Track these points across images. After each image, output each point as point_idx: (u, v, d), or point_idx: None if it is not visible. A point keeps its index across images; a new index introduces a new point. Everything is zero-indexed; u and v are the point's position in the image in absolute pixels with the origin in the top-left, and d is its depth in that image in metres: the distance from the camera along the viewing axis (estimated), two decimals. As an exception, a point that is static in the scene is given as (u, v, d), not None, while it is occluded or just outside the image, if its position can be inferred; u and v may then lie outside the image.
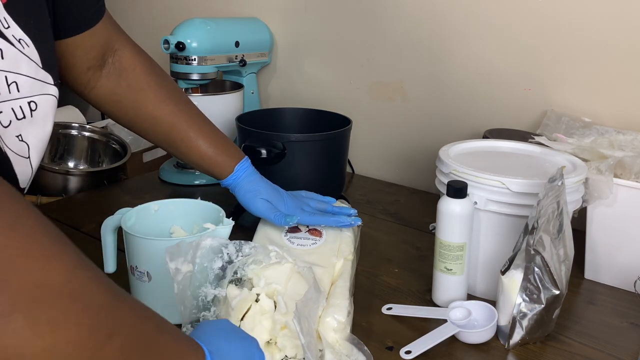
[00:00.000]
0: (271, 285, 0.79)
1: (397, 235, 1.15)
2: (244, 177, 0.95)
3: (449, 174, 0.89)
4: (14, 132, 0.66)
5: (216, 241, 0.77)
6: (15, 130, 0.66)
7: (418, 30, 1.37)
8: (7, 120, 0.64)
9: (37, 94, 0.67)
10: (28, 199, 1.62)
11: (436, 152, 0.96)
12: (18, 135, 0.67)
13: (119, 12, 2.04)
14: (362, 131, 1.48)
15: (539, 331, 0.80)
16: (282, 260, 0.80)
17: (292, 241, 0.90)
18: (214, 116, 1.36)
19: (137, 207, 0.88)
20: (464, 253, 0.85)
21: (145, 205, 0.89)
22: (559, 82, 1.20)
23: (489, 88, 1.30)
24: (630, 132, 1.05)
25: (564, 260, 0.80)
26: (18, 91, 0.65)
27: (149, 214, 0.89)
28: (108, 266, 0.87)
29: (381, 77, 1.45)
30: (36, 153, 0.71)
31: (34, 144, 0.70)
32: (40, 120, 0.69)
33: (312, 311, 0.74)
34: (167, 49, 1.35)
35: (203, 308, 0.78)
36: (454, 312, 0.84)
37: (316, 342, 0.74)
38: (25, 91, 0.66)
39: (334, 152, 1.14)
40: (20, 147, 0.67)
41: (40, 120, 0.69)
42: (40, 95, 0.68)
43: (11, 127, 0.65)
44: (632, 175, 0.92)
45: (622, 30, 1.11)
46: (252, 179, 0.96)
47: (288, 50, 1.60)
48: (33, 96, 0.67)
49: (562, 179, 0.78)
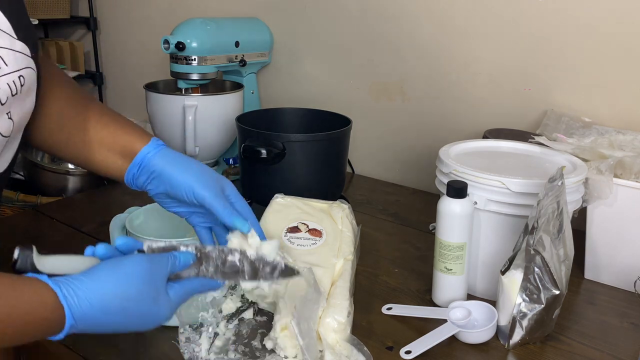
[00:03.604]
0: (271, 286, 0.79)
1: (397, 235, 1.15)
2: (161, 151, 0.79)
3: (449, 174, 0.89)
4: (5, 109, 0.63)
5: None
6: (7, 108, 0.63)
7: (418, 30, 1.37)
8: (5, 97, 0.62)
9: (23, 67, 0.65)
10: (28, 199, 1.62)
11: (436, 152, 0.95)
12: (8, 112, 0.64)
13: (120, 12, 2.05)
14: (362, 131, 1.48)
15: (539, 331, 0.80)
16: (282, 261, 0.80)
17: (292, 241, 0.90)
18: (214, 116, 1.37)
19: (146, 207, 0.87)
20: (464, 253, 0.85)
21: (154, 205, 0.89)
22: (559, 82, 1.20)
23: (489, 88, 1.29)
24: (630, 132, 1.05)
25: (564, 260, 0.80)
26: (7, 65, 0.62)
27: (159, 213, 0.89)
28: None
29: (381, 77, 1.45)
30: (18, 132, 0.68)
31: (18, 122, 0.67)
32: (24, 95, 0.66)
33: (312, 312, 0.74)
34: (167, 49, 1.35)
35: (202, 308, 0.78)
36: (454, 312, 0.84)
37: (316, 343, 0.74)
38: (12, 65, 0.63)
39: (334, 152, 1.14)
40: (8, 125, 0.65)
41: (24, 96, 0.66)
42: (25, 69, 0.65)
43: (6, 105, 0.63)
44: (632, 175, 0.92)
45: (622, 31, 1.11)
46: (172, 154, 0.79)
47: (288, 50, 1.60)
48: (20, 70, 0.64)
49: (562, 179, 0.78)
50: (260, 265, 0.69)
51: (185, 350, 0.75)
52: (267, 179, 1.10)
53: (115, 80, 2.16)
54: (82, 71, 2.09)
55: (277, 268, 0.69)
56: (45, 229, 1.11)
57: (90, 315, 0.57)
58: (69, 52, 2.07)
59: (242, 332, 0.80)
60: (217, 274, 0.67)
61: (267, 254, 0.70)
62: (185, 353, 0.74)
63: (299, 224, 0.92)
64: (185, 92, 1.42)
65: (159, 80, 1.50)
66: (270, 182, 1.10)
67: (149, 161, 0.77)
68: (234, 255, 0.68)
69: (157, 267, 0.62)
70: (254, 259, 0.69)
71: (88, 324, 0.57)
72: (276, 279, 0.70)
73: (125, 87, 2.13)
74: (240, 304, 0.83)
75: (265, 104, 1.65)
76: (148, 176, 0.77)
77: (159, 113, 1.38)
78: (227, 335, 0.79)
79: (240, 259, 0.68)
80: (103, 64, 2.17)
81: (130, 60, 2.06)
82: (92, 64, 2.16)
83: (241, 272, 0.68)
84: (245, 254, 0.69)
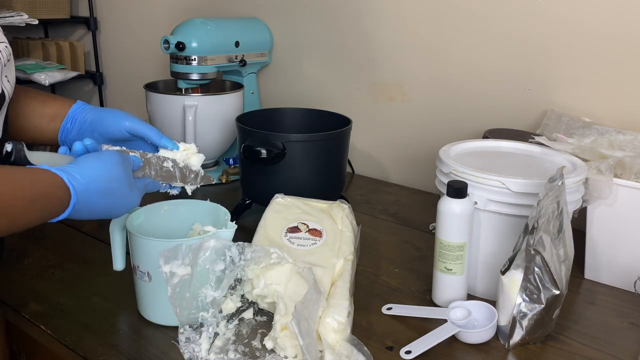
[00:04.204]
0: (271, 286, 0.79)
1: (397, 235, 1.15)
2: None
3: (449, 174, 0.89)
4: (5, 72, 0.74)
5: (220, 243, 0.77)
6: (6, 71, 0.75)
7: (418, 30, 1.37)
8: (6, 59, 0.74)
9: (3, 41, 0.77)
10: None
11: (436, 152, 0.95)
12: (6, 75, 0.76)
13: (120, 12, 2.05)
14: (362, 131, 1.48)
15: (539, 331, 0.80)
16: (282, 261, 0.80)
17: (292, 241, 0.90)
18: (214, 116, 1.37)
19: (146, 207, 0.88)
20: (464, 253, 0.85)
21: (154, 205, 0.89)
22: (559, 82, 1.20)
23: (489, 88, 1.30)
24: (630, 132, 1.05)
25: (564, 260, 0.80)
26: None
27: (159, 213, 0.89)
28: (117, 264, 0.87)
29: (381, 77, 1.45)
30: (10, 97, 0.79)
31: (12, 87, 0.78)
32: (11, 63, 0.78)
33: (312, 312, 0.74)
34: (167, 49, 1.35)
35: (202, 309, 0.78)
36: (454, 312, 0.84)
37: (316, 343, 0.74)
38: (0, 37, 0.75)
39: (334, 152, 1.14)
40: (9, 87, 0.77)
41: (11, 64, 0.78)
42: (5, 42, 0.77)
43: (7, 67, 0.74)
44: (632, 175, 0.92)
45: (622, 31, 1.11)
46: None
47: (288, 50, 1.60)
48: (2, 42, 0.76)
49: (562, 179, 0.78)
50: (187, 172, 0.87)
51: (185, 350, 0.75)
52: (267, 179, 1.10)
53: (115, 80, 2.16)
54: (82, 71, 2.09)
55: (199, 175, 0.88)
56: (45, 230, 1.11)
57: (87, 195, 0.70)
58: (69, 52, 2.06)
59: (242, 332, 0.80)
60: (157, 177, 0.84)
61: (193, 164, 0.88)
62: (185, 353, 0.74)
63: (299, 224, 0.92)
64: (185, 92, 1.42)
65: (159, 80, 1.50)
66: (270, 182, 1.10)
67: (79, 114, 0.90)
68: (168, 163, 0.85)
69: (126, 160, 0.77)
70: (182, 166, 0.87)
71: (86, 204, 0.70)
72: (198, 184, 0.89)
73: (125, 87, 2.13)
74: (240, 304, 0.83)
75: (265, 104, 1.65)
76: (80, 128, 0.90)
77: (159, 113, 1.38)
78: (227, 335, 0.79)
79: (172, 166, 0.86)
80: (103, 64, 2.17)
81: (130, 60, 2.06)
82: (92, 64, 2.16)
83: (174, 176, 0.86)
84: (176, 162, 0.86)
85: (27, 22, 1.85)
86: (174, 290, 0.74)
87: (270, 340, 0.76)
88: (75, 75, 2.02)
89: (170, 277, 0.74)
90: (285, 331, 0.74)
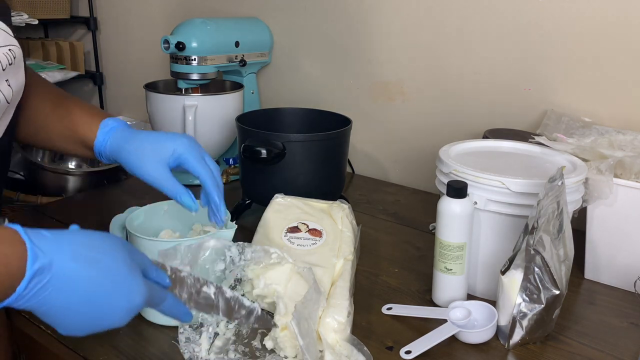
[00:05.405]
0: (271, 286, 0.79)
1: (397, 235, 1.15)
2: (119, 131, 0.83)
3: (449, 174, 0.89)
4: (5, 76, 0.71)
5: (220, 243, 0.77)
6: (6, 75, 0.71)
7: (418, 30, 1.37)
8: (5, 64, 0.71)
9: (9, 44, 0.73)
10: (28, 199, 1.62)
11: (436, 152, 0.95)
12: (7, 80, 0.72)
13: (120, 12, 2.05)
14: (362, 131, 1.48)
15: (539, 331, 0.80)
16: (282, 261, 0.80)
17: (292, 241, 0.90)
18: (214, 116, 1.37)
19: (146, 207, 0.88)
20: (463, 253, 0.85)
21: (154, 205, 0.89)
22: (559, 82, 1.20)
23: (489, 88, 1.30)
24: (630, 132, 1.05)
25: (564, 260, 0.80)
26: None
27: (159, 213, 0.89)
28: None
29: (381, 77, 1.45)
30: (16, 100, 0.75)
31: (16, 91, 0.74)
32: (16, 67, 0.74)
33: (312, 312, 0.74)
34: (167, 49, 1.35)
35: (203, 308, 0.78)
36: (454, 312, 0.84)
37: (316, 343, 0.74)
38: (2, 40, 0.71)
39: (334, 152, 1.14)
40: (8, 91, 0.73)
41: (16, 68, 0.74)
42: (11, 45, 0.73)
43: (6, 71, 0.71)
44: (632, 175, 0.92)
45: (622, 31, 1.11)
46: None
47: (288, 50, 1.60)
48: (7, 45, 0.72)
49: (562, 179, 0.78)
50: (236, 306, 0.68)
51: (185, 350, 0.75)
52: (267, 179, 1.10)
53: (115, 80, 2.16)
54: (82, 71, 2.09)
55: (253, 313, 0.68)
56: (45, 229, 1.11)
57: (59, 258, 0.50)
58: (69, 52, 2.07)
59: (242, 332, 0.80)
60: (190, 302, 0.64)
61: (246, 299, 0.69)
62: (185, 353, 0.74)
63: (299, 224, 0.93)
64: (185, 92, 1.42)
65: (159, 80, 1.50)
66: (270, 182, 1.10)
67: (105, 152, 0.84)
68: (209, 288, 0.66)
69: (133, 248, 0.59)
70: (229, 296, 0.67)
71: (59, 276, 0.50)
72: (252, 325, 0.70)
73: (125, 87, 2.13)
74: None
75: (265, 104, 1.65)
76: (111, 161, 0.84)
77: (159, 113, 1.38)
78: (227, 335, 0.79)
79: (215, 293, 0.66)
80: (103, 64, 2.17)
81: (130, 60, 2.06)
82: (92, 64, 2.16)
83: (215, 307, 0.66)
84: (222, 289, 0.67)
85: (27, 22, 1.85)
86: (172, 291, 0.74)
87: (270, 340, 0.76)
88: (75, 75, 2.02)
89: None
90: (285, 331, 0.74)
